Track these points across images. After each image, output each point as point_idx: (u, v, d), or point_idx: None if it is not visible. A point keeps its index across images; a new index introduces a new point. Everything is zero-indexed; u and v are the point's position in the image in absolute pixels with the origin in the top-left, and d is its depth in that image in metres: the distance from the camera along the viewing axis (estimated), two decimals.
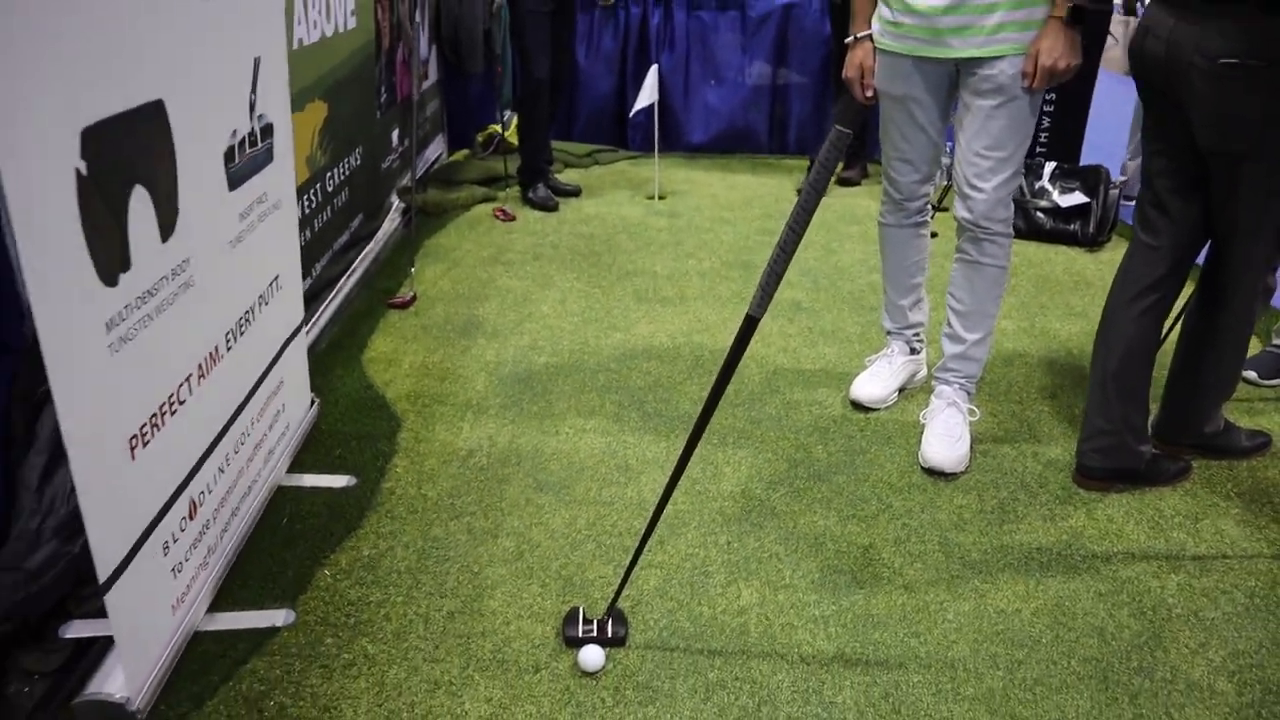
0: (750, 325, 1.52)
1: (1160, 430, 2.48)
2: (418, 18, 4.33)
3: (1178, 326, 2.43)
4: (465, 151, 5.33)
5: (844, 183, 4.99)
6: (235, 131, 1.84)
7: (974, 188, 2.31)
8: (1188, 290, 2.32)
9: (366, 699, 1.66)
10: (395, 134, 4.08)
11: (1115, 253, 3.96)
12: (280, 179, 2.12)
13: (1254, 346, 3.09)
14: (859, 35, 2.40)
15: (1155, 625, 1.92)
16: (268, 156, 2.02)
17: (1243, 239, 2.11)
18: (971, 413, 2.53)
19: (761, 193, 4.90)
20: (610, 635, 1.80)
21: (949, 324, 2.51)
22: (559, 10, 4.32)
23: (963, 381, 2.52)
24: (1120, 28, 7.53)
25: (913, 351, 2.78)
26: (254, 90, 1.92)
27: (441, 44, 4.88)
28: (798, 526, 2.19)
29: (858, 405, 2.71)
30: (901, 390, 2.78)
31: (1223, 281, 2.20)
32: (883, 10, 2.34)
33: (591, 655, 1.73)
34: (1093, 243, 4.17)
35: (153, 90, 1.49)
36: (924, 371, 2.82)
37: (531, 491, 2.28)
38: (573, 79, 5.36)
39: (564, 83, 4.67)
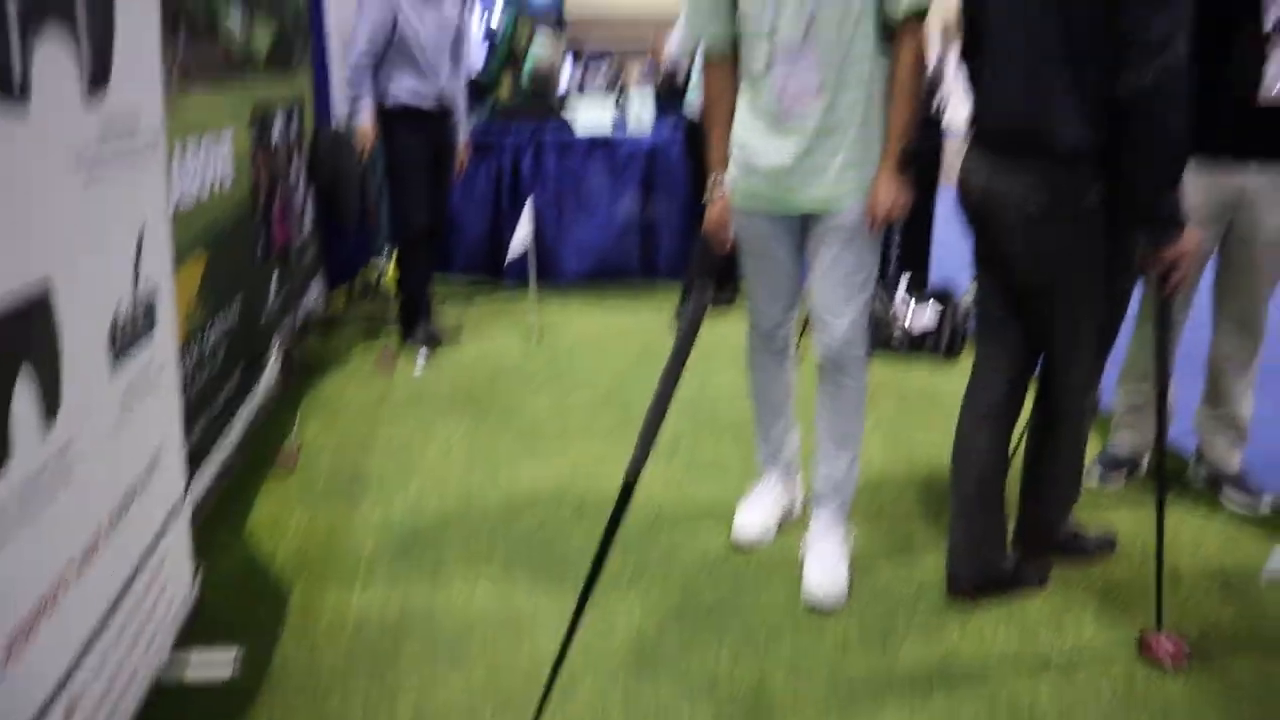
0: (628, 491, 1.58)
1: (1018, 538, 2.66)
2: (294, 170, 4.41)
3: (1023, 442, 2.65)
4: (343, 295, 5.36)
5: (717, 302, 5.19)
6: (119, 306, 1.85)
7: (830, 320, 2.48)
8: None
9: None
10: (274, 283, 4.10)
11: (969, 363, 4.24)
12: (162, 347, 2.12)
13: (1095, 446, 3.35)
14: (715, 194, 2.58)
15: None
16: (150, 327, 2.03)
17: (1063, 363, 2.34)
18: (849, 535, 2.66)
19: (636, 323, 5.08)
20: None
21: (819, 450, 2.64)
22: (435, 156, 4.47)
23: (837, 505, 2.63)
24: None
25: (788, 478, 2.90)
26: (138, 260, 1.94)
27: (318, 192, 4.95)
28: (691, 669, 2.24)
29: (741, 546, 2.78)
30: (783, 519, 2.88)
31: (1052, 403, 2.42)
32: (734, 170, 2.53)
33: None
34: (946, 354, 4.48)
35: (37, 270, 1.50)
36: (801, 498, 2.94)
37: (425, 655, 2.27)
38: (448, 220, 5.50)
39: (439, 229, 4.78)
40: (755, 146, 2.45)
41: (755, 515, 2.82)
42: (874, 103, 2.37)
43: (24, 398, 1.47)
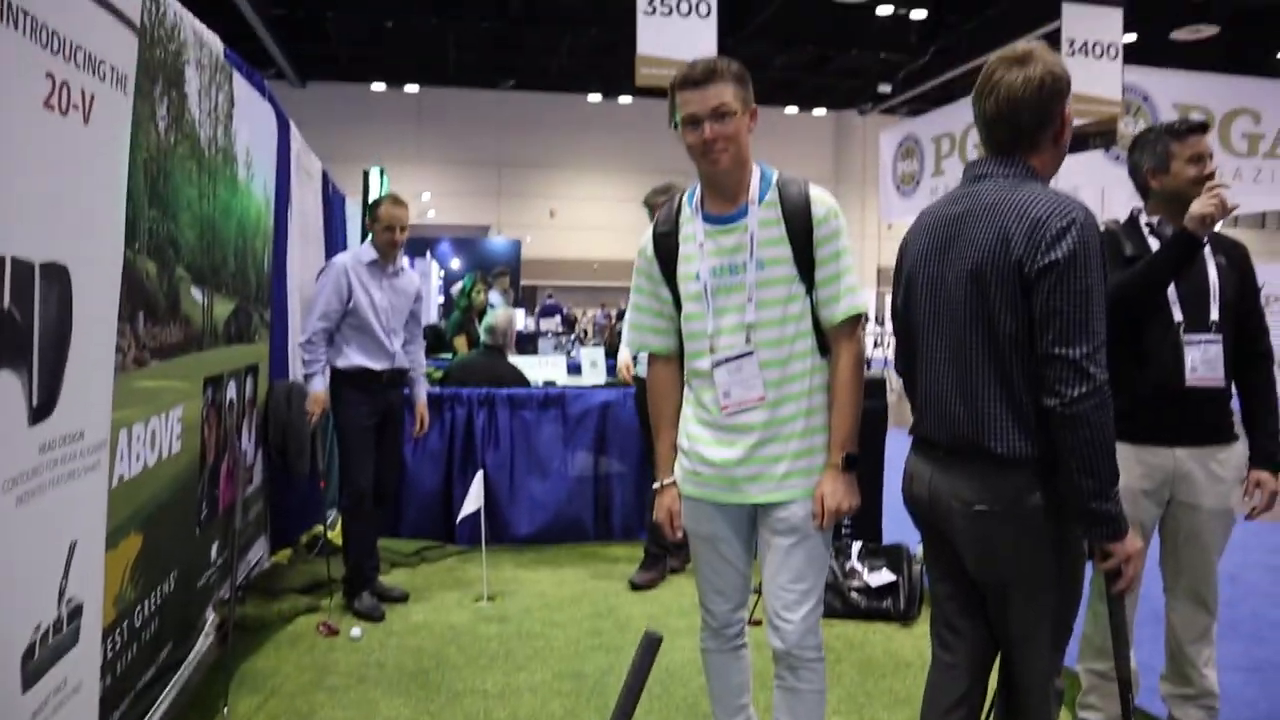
0: None
1: None
2: (244, 430, 4.40)
3: None
4: (289, 552, 5.21)
5: (636, 587, 4.96)
6: (39, 626, 1.78)
7: (783, 619, 2.43)
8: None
9: None
10: (215, 547, 3.98)
11: (924, 626, 4.18)
12: (84, 661, 2.02)
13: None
14: (664, 482, 2.58)
15: None
16: (73, 639, 1.94)
17: (1022, 653, 2.32)
18: None
19: (590, 587, 4.95)
20: None
21: None
22: (383, 423, 4.51)
23: None
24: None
25: None
26: (65, 576, 1.88)
27: (268, 447, 4.93)
28: None
29: None
30: None
31: (1016, 691, 2.37)
32: (683, 460, 2.55)
33: None
34: (905, 617, 4.41)
35: None
36: None
37: None
38: (399, 481, 5.47)
39: (388, 493, 4.76)
40: (703, 440, 2.48)
41: None
42: (816, 406, 2.44)
43: None
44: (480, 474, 4.63)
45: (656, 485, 2.61)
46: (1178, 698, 3.04)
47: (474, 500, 4.52)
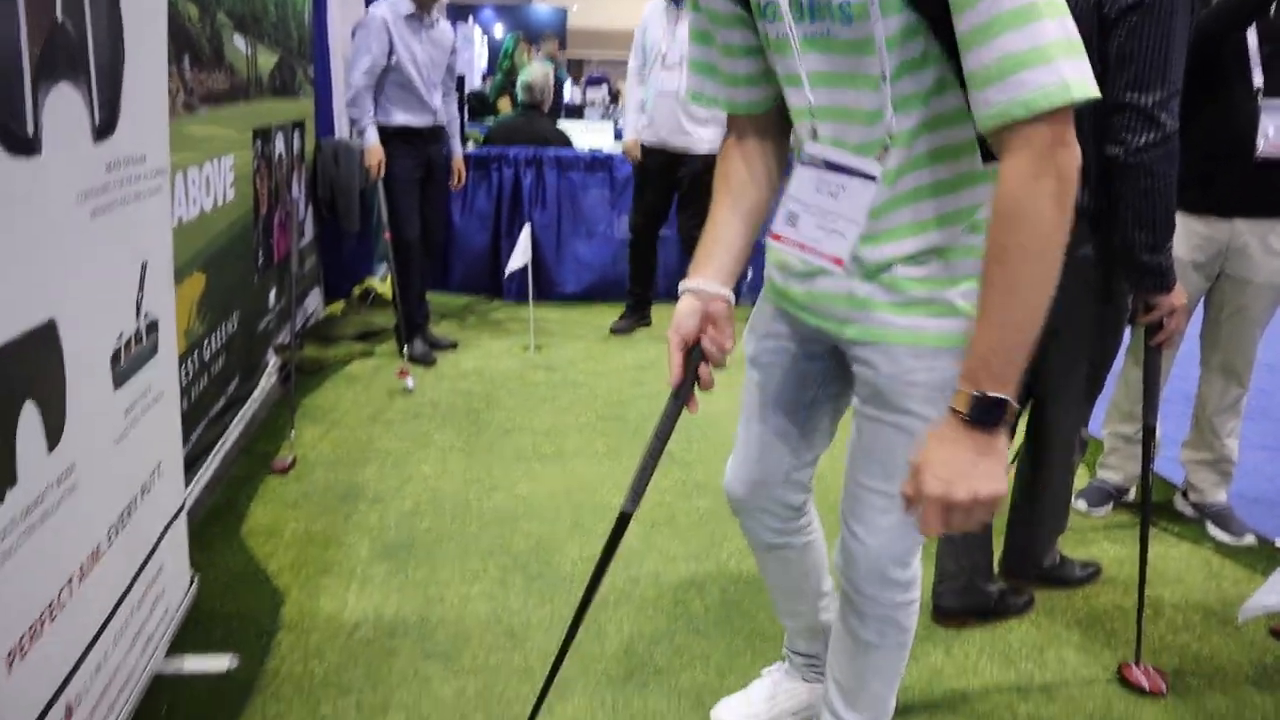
0: (623, 522, 1.56)
1: (1005, 566, 2.71)
2: (295, 184, 4.47)
3: (1013, 472, 2.70)
4: (342, 304, 5.41)
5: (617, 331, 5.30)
6: (122, 334, 1.90)
7: (852, 533, 1.60)
8: (1019, 439, 2.59)
9: None
10: (272, 293, 4.14)
11: None
12: (164, 370, 2.17)
13: (1083, 477, 3.41)
14: (685, 286, 1.57)
15: None
16: (152, 351, 2.08)
17: (1053, 403, 2.41)
18: None
19: (632, 341, 5.14)
20: None
21: (826, 692, 1.81)
22: (427, 177, 4.57)
23: None
24: None
25: (806, 681, 2.10)
26: (141, 291, 1.99)
27: (318, 203, 5.01)
28: (679, 683, 2.28)
29: None
30: (800, 715, 2.09)
31: (1043, 438, 2.48)
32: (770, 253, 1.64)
33: None
34: None
35: (44, 311, 1.55)
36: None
37: (420, 662, 2.31)
38: (447, 235, 5.57)
39: (435, 244, 4.88)
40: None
41: (743, 702, 2.10)
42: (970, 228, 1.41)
43: (28, 427, 1.52)
44: (528, 227, 4.67)
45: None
46: (1196, 462, 3.16)
47: (521, 253, 4.60)
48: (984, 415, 1.23)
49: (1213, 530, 3.10)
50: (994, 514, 1.29)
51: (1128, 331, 2.49)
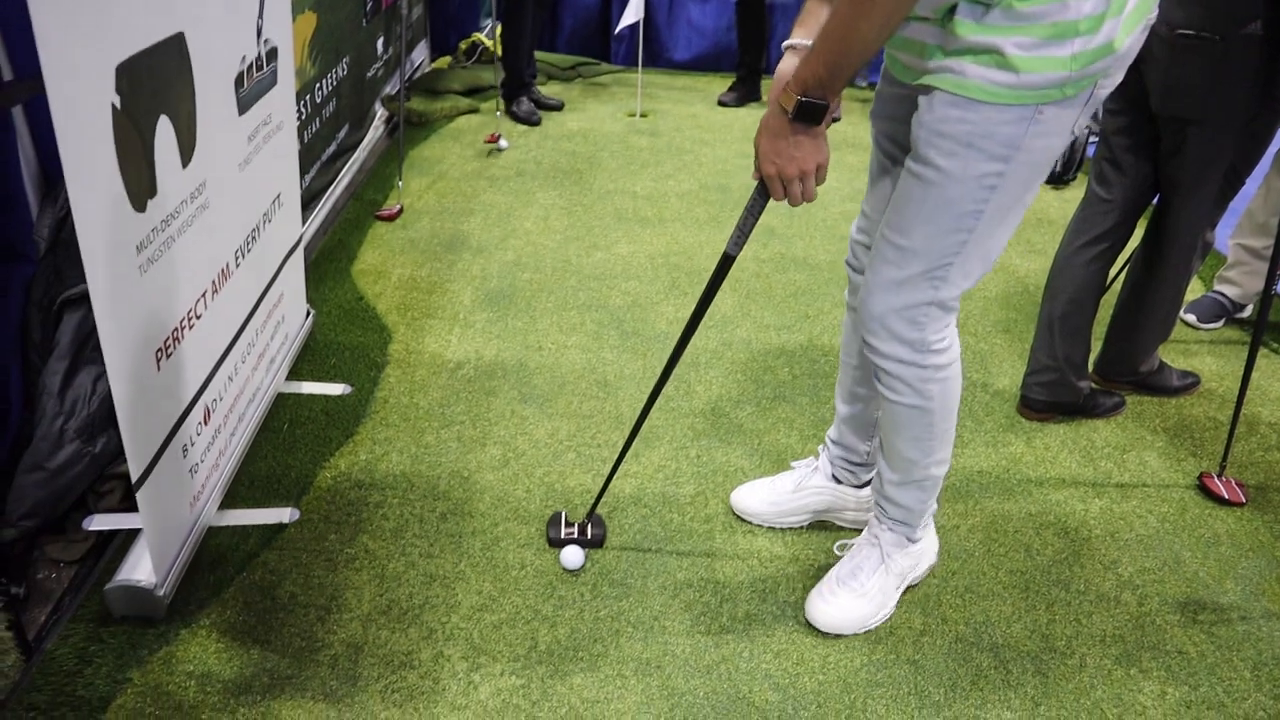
0: (726, 263, 1.65)
1: (1100, 367, 2.68)
2: None
3: (1123, 273, 2.61)
4: (448, 59, 5.32)
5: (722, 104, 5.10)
6: (244, 57, 1.92)
7: (865, 278, 1.66)
8: (1135, 240, 2.49)
9: (369, 589, 1.84)
10: (380, 41, 4.10)
11: (1079, 191, 4.12)
12: (283, 101, 2.20)
13: (1196, 290, 3.29)
14: (789, 43, 1.59)
15: (1075, 544, 2.14)
16: (272, 80, 2.11)
17: (1184, 198, 2.28)
18: (889, 571, 1.89)
19: (742, 113, 4.98)
20: (589, 537, 1.99)
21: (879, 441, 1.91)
22: None
23: (890, 523, 1.89)
24: None
25: (837, 481, 2.10)
26: (261, 15, 1.99)
27: None
28: (762, 443, 2.37)
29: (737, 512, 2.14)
30: (814, 524, 2.12)
31: (1165, 236, 2.37)
32: None
33: (572, 555, 1.92)
34: (1059, 181, 4.32)
35: (174, 24, 1.58)
36: (854, 512, 2.12)
37: (517, 403, 2.45)
38: None
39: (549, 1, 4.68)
40: None
41: (764, 492, 2.12)
42: None
43: (165, 141, 1.57)
44: None
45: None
46: None
47: (634, 10, 4.41)
48: (805, 115, 1.41)
49: None
50: (820, 179, 1.48)
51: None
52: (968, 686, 1.75)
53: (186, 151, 1.67)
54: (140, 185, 1.50)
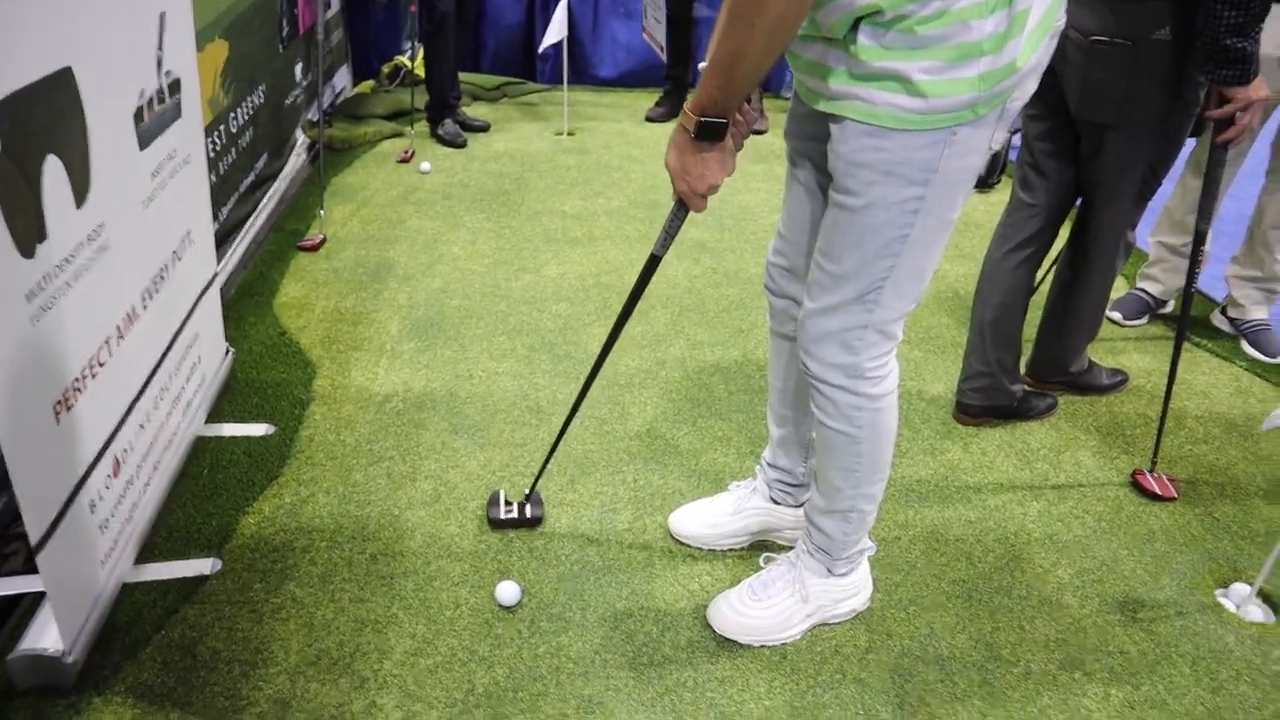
0: (653, 264, 1.67)
1: (1032, 369, 2.70)
2: None
3: (1050, 276, 2.64)
4: (371, 83, 5.24)
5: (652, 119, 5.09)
6: (143, 91, 1.84)
7: (805, 301, 1.65)
8: (1060, 242, 2.52)
9: (297, 640, 1.76)
10: (299, 68, 4.01)
11: (1004, 194, 4.18)
12: (190, 133, 2.12)
13: (1120, 289, 3.35)
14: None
15: (1016, 548, 2.14)
16: (176, 112, 2.02)
17: (1105, 200, 2.31)
18: (802, 596, 1.84)
19: (670, 128, 4.96)
20: (528, 516, 2.06)
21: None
22: None
23: (812, 548, 1.85)
24: None
25: (775, 502, 2.07)
26: (160, 47, 1.91)
27: None
28: (699, 463, 2.34)
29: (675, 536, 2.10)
30: (754, 546, 2.09)
31: (1089, 238, 2.40)
32: None
33: (507, 591, 1.86)
34: (984, 185, 4.38)
35: (60, 59, 1.50)
36: (792, 531, 2.07)
37: (448, 435, 2.38)
38: (479, 11, 5.31)
39: (470, 18, 4.64)
40: None
41: (702, 515, 2.09)
42: None
43: (54, 181, 1.49)
44: (564, 2, 4.43)
45: None
46: (1241, 278, 3.07)
47: (557, 29, 4.38)
48: (707, 134, 1.45)
49: (1248, 348, 3.06)
50: (715, 190, 1.54)
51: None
52: (915, 703, 1.73)
53: (80, 192, 1.58)
54: (28, 230, 1.42)
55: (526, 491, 2.12)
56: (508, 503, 2.08)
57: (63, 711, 1.60)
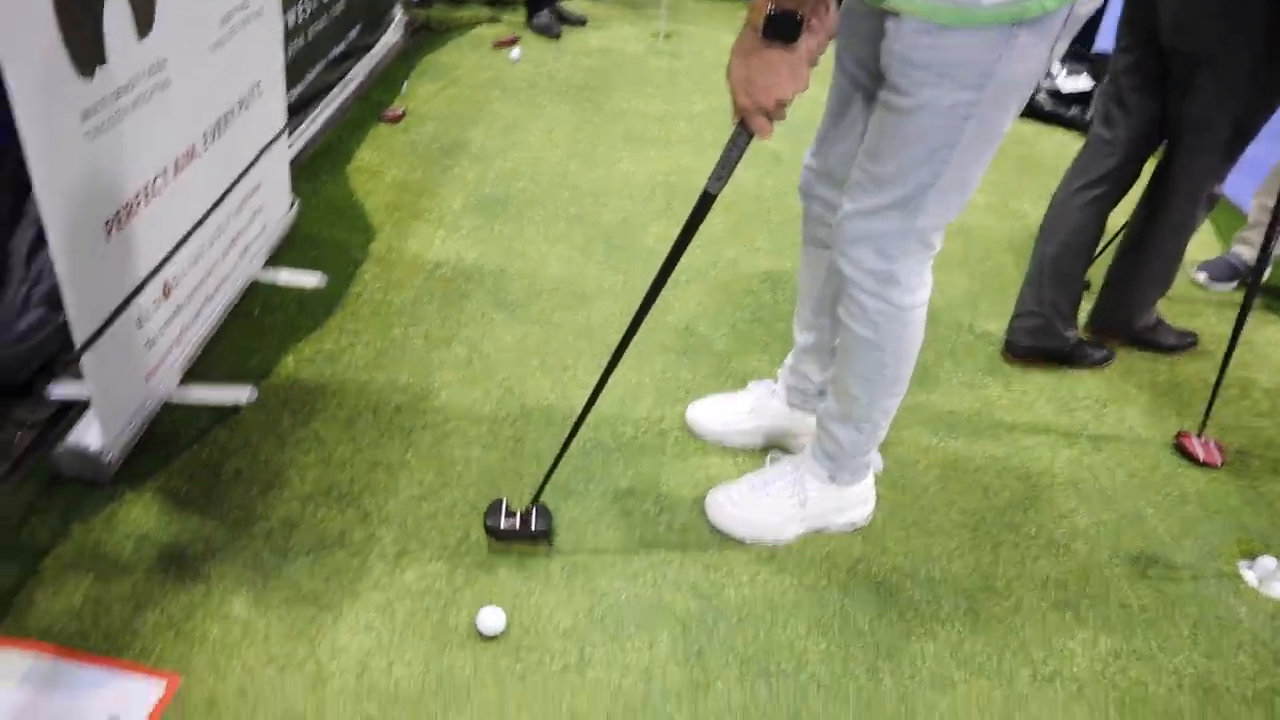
0: (706, 201, 1.54)
1: (1094, 319, 2.62)
2: None
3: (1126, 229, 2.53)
4: None
5: None
6: None
7: (845, 203, 1.61)
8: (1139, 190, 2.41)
9: (313, 471, 1.87)
10: None
11: None
12: None
13: (1215, 250, 3.19)
14: None
15: (1036, 489, 2.11)
16: None
17: (1190, 144, 2.19)
18: (802, 500, 1.86)
19: None
20: (532, 530, 1.75)
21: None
22: None
23: (819, 454, 1.86)
24: None
25: (792, 406, 2.06)
26: None
27: None
28: (731, 364, 2.36)
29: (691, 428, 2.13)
30: (766, 442, 2.09)
31: (1169, 185, 2.29)
32: None
33: (491, 618, 1.61)
34: (1087, 127, 4.17)
35: None
36: (806, 439, 1.99)
37: (489, 307, 2.44)
38: None
39: None
40: None
41: (718, 411, 2.11)
42: None
43: (116, 10, 1.55)
44: None
45: None
46: None
47: None
48: (777, 30, 1.33)
49: None
50: (784, 107, 1.40)
51: None
52: (895, 617, 1.75)
53: (143, 25, 1.65)
54: (87, 52, 1.49)
55: (532, 498, 1.81)
56: (509, 513, 1.76)
57: (98, 501, 1.74)
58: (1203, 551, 2.01)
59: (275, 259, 2.49)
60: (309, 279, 2.43)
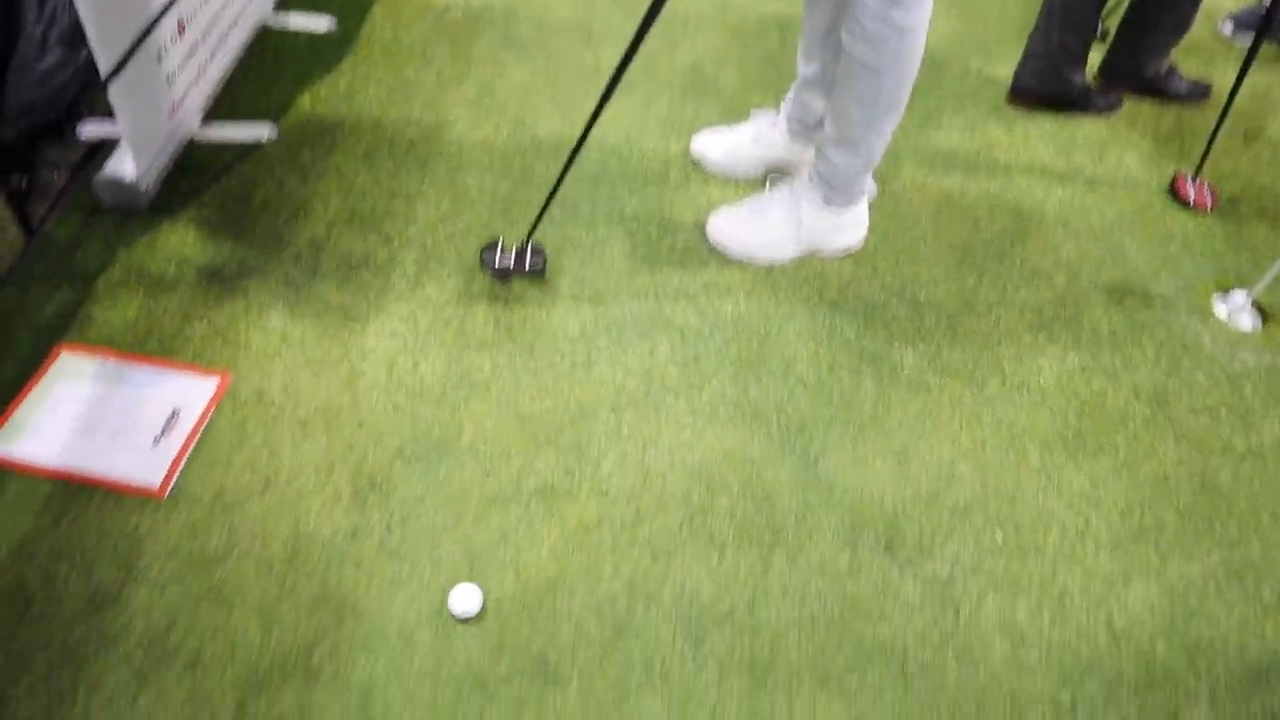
0: None
1: (1104, 67, 2.60)
2: None
3: None
4: None
5: None
6: None
7: None
8: None
9: (336, 200, 1.98)
10: None
11: None
12: None
13: None
14: None
15: (1025, 224, 2.20)
16: None
17: None
18: (797, 222, 1.96)
19: None
20: (526, 266, 1.85)
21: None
22: None
23: (816, 178, 1.95)
24: None
25: (788, 136, 2.13)
26: None
27: None
28: (736, 103, 2.40)
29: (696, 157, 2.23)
30: (768, 171, 2.19)
31: None
32: None
33: (463, 598, 1.42)
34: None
35: None
36: (803, 170, 2.05)
37: (499, 47, 2.47)
38: None
39: None
40: None
41: (723, 140, 2.19)
42: None
43: None
44: None
45: None
46: None
47: None
48: None
49: None
50: None
51: None
52: (879, 329, 1.89)
53: None
54: None
55: (527, 234, 1.87)
56: (504, 250, 1.85)
57: (138, 228, 1.87)
58: (1179, 286, 2.12)
59: (285, 2, 2.49)
60: (319, 22, 2.45)
